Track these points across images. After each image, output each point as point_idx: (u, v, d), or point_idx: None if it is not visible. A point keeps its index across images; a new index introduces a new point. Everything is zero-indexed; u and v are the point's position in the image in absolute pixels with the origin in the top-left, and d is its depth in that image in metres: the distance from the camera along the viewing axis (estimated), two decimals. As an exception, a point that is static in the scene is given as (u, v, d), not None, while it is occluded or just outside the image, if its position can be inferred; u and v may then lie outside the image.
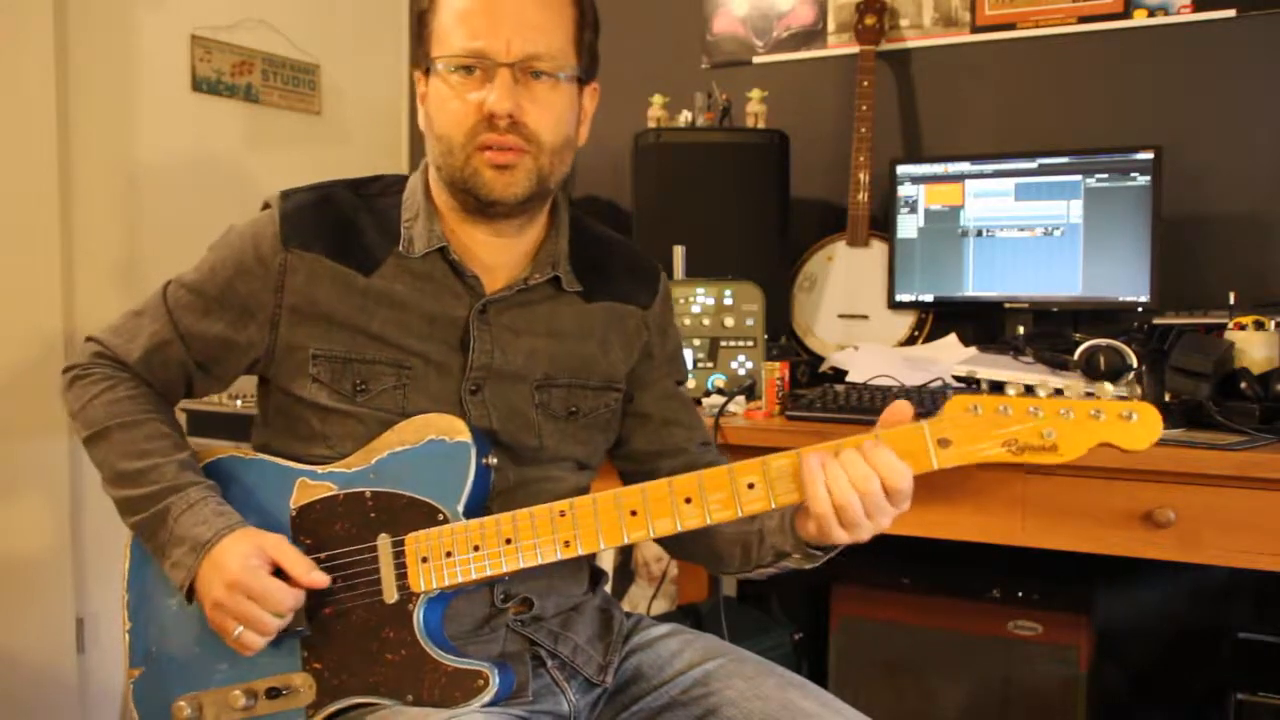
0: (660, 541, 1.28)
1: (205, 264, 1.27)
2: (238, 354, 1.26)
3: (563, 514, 1.13)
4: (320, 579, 1.15)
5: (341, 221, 1.23)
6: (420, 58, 1.22)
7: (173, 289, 1.28)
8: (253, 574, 1.13)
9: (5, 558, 2.13)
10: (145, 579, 1.26)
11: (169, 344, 1.26)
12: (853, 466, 1.06)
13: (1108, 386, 1.04)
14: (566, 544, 1.13)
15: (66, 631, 2.22)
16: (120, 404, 1.24)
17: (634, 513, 1.12)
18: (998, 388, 1.07)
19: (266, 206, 1.26)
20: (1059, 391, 1.04)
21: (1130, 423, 1.02)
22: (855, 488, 1.05)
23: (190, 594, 1.18)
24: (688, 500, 1.10)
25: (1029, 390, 1.04)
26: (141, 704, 1.24)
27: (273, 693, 1.18)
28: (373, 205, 1.26)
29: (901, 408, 1.09)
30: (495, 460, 1.19)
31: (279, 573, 1.15)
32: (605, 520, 1.12)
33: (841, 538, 1.08)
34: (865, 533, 1.08)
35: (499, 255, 1.26)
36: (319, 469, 1.21)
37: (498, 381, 1.23)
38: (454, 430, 1.17)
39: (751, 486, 1.09)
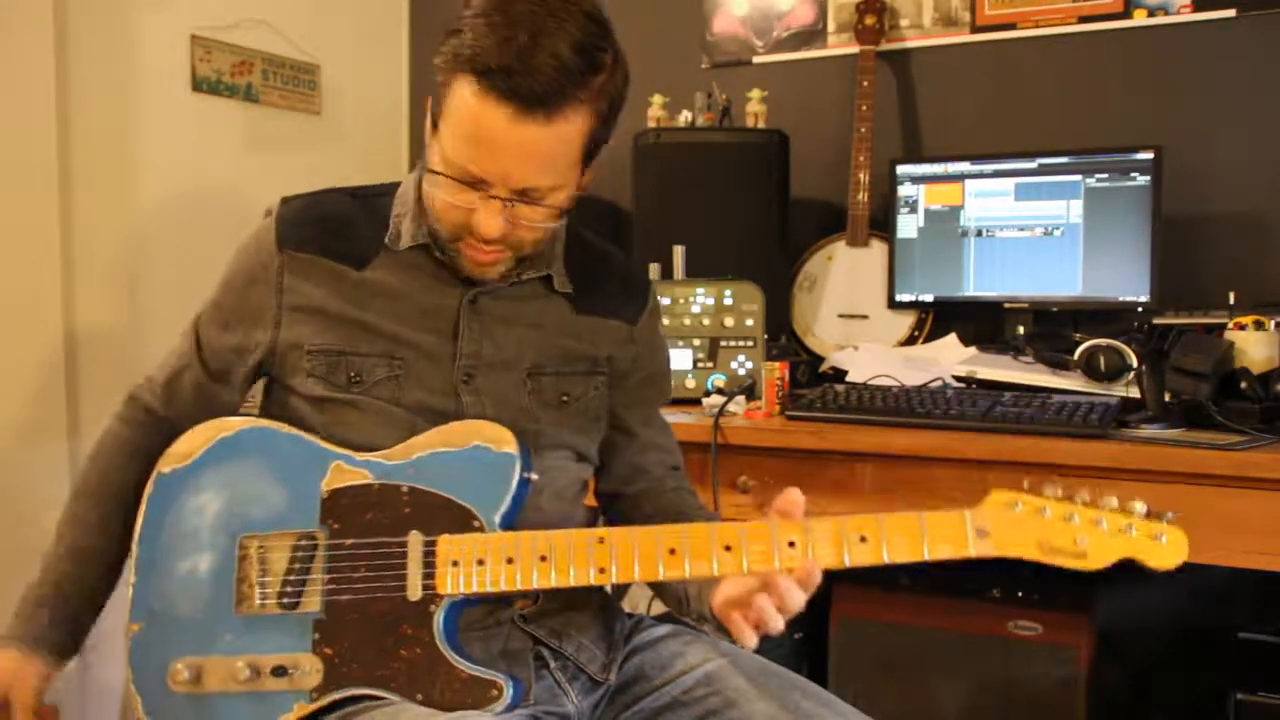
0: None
1: (222, 281, 1.31)
2: (246, 357, 1.29)
3: (601, 540, 1.13)
4: None
5: (334, 218, 1.27)
6: (434, 102, 1.16)
7: (203, 309, 1.33)
8: None
9: (5, 557, 2.13)
10: (159, 537, 1.24)
11: (186, 368, 1.32)
12: (789, 598, 1.08)
13: (1138, 505, 1.08)
14: (601, 570, 1.13)
15: (66, 631, 2.22)
16: (97, 472, 1.33)
17: (673, 551, 1.12)
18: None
19: (269, 214, 1.29)
20: (1094, 504, 1.08)
21: (1159, 544, 1.06)
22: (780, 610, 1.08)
23: None
24: (728, 548, 1.11)
25: (1068, 496, 1.08)
26: (137, 661, 1.22)
27: (279, 670, 1.16)
28: (368, 204, 1.29)
29: (792, 497, 1.11)
30: (536, 476, 1.20)
31: None
32: (644, 554, 1.12)
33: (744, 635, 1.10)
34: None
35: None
36: (357, 455, 1.21)
37: (489, 371, 1.25)
38: (502, 440, 1.18)
39: (792, 545, 1.10)
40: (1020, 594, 2.12)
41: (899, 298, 2.29)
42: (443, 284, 1.25)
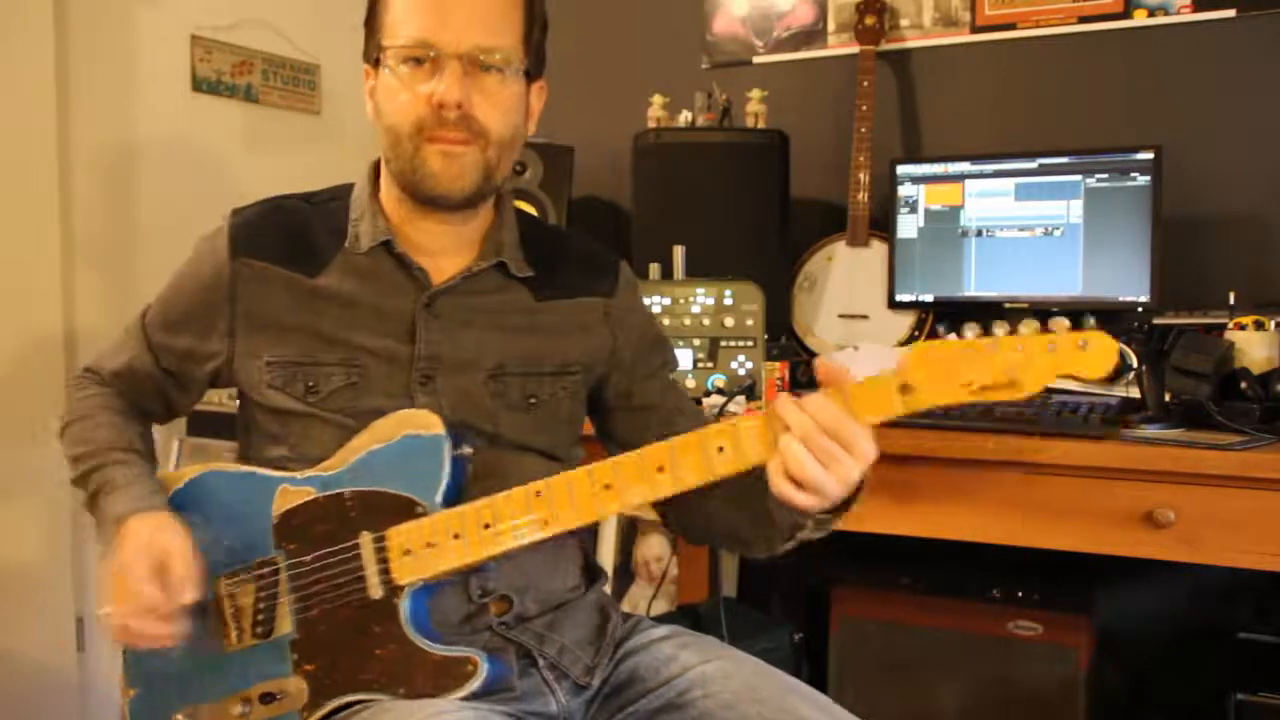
0: (682, 530, 1.34)
1: (171, 284, 1.32)
2: (200, 362, 1.29)
3: (539, 494, 1.14)
4: (191, 595, 1.15)
5: (289, 227, 1.27)
6: (370, 50, 1.24)
7: (149, 309, 1.34)
8: (133, 564, 1.14)
9: (5, 557, 2.13)
10: None
11: (139, 357, 1.33)
12: (794, 421, 1.04)
13: (1064, 320, 1.04)
14: (545, 523, 1.13)
15: (66, 631, 2.22)
16: (88, 400, 1.32)
17: (608, 486, 1.12)
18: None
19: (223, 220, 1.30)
20: (1014, 333, 1.04)
21: (1085, 351, 1.03)
22: (797, 436, 1.03)
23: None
24: (660, 469, 1.10)
25: (986, 333, 1.05)
26: None
27: (267, 698, 1.18)
28: (321, 209, 1.29)
29: (834, 367, 1.08)
30: (470, 450, 1.19)
31: None
32: (580, 496, 1.12)
33: (800, 499, 1.05)
34: (831, 488, 1.04)
35: (445, 241, 1.27)
36: (299, 474, 1.22)
37: (449, 372, 1.24)
38: (428, 425, 1.18)
39: (721, 450, 1.09)
40: (1020, 594, 2.12)
41: (899, 298, 2.29)
42: (398, 289, 1.25)
